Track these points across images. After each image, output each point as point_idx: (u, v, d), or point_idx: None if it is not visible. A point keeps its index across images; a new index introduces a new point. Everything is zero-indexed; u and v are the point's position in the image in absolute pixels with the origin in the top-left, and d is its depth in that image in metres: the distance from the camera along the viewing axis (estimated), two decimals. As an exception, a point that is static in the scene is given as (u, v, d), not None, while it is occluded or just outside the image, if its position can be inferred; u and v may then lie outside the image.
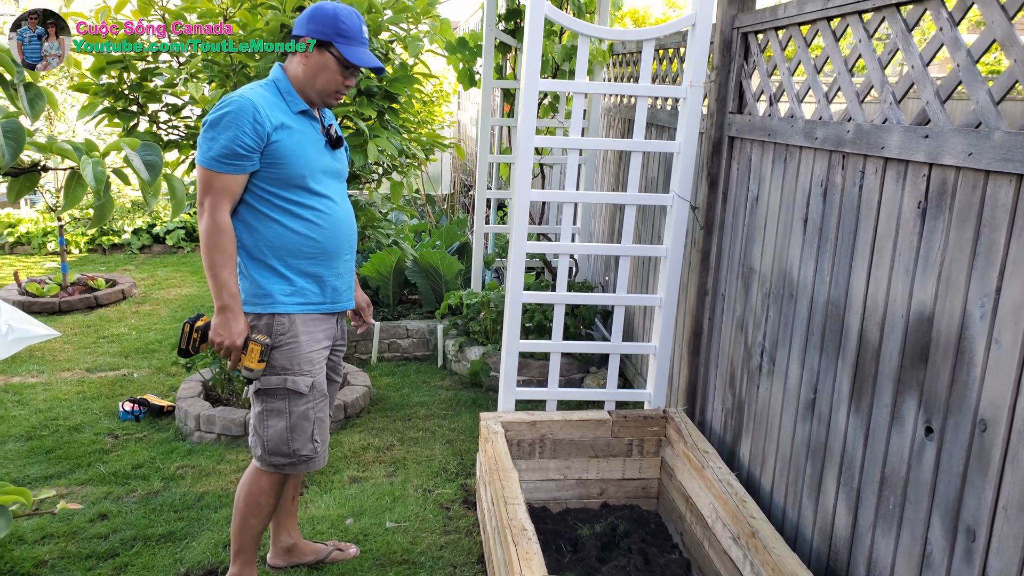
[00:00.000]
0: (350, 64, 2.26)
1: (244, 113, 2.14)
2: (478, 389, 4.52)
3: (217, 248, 2.17)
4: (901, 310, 1.94)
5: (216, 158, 2.14)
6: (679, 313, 3.48)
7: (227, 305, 2.21)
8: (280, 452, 2.38)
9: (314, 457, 2.43)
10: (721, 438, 3.05)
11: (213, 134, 2.14)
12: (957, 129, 1.75)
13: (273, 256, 2.28)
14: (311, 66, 2.26)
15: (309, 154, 2.28)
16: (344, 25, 2.23)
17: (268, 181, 2.24)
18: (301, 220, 2.28)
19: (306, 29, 2.24)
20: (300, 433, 2.37)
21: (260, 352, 2.27)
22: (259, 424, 2.38)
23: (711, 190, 3.16)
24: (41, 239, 7.92)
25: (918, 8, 1.98)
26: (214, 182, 2.16)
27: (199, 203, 2.20)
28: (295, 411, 2.35)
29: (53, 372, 4.69)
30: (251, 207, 2.26)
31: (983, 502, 1.65)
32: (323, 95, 2.31)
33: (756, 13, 2.85)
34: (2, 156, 1.39)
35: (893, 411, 1.96)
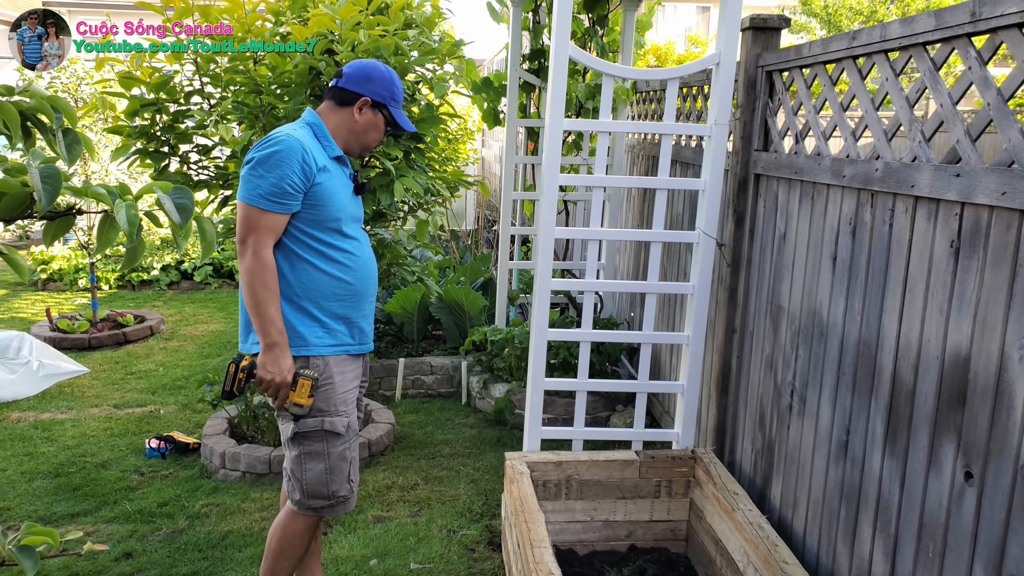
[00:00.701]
0: (397, 125, 2.41)
1: (294, 152, 2.17)
2: (503, 427, 4.49)
3: (263, 285, 2.18)
4: (936, 351, 1.90)
5: (264, 195, 2.15)
6: (707, 351, 3.45)
7: (275, 342, 2.20)
8: (319, 495, 2.38)
9: (350, 497, 2.44)
10: (751, 479, 2.99)
11: (261, 172, 2.16)
12: (989, 168, 1.73)
13: (306, 298, 2.30)
14: (364, 123, 2.36)
15: (343, 198, 2.33)
16: (397, 90, 2.39)
17: (305, 222, 2.26)
18: (334, 263, 2.31)
19: (365, 88, 2.34)
20: (338, 474, 2.38)
21: (311, 387, 2.27)
22: (297, 468, 2.37)
23: (737, 227, 3.14)
24: (73, 276, 8.07)
25: (946, 47, 1.98)
26: (260, 220, 2.17)
27: (241, 240, 2.19)
28: (333, 452, 2.36)
29: (82, 408, 4.73)
30: (286, 249, 2.28)
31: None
32: (365, 148, 2.43)
33: (781, 52, 2.86)
34: (40, 200, 1.42)
35: (930, 455, 1.91)
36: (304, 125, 2.34)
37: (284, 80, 3.17)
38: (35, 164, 1.47)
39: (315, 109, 2.42)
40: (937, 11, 1.95)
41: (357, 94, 2.33)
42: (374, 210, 3.40)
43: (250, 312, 2.21)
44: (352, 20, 3.01)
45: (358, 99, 2.33)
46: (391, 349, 5.33)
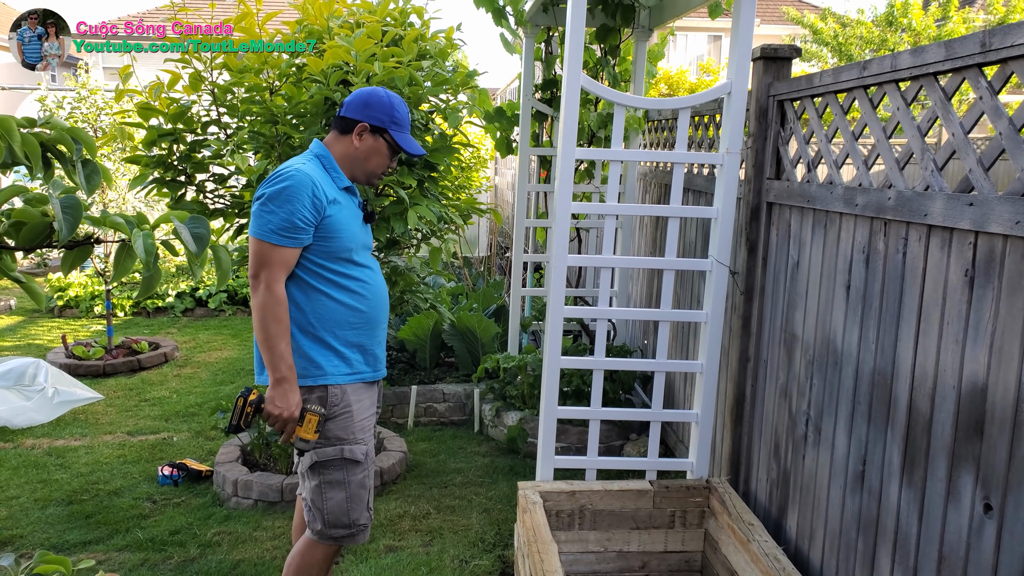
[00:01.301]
0: (400, 149, 2.38)
1: (303, 187, 2.19)
2: (515, 456, 4.47)
3: (274, 319, 2.19)
4: (952, 381, 1.88)
5: (275, 231, 2.17)
6: (720, 380, 3.43)
7: (285, 377, 2.21)
8: (340, 524, 2.37)
9: (368, 525, 2.45)
10: (767, 510, 2.95)
11: (272, 207, 2.18)
12: (1003, 197, 1.72)
13: (322, 328, 2.31)
14: (364, 149, 2.35)
15: (353, 228, 2.35)
16: (398, 114, 2.36)
17: (317, 254, 2.28)
18: (347, 292, 2.33)
19: (363, 115, 2.34)
20: (358, 503, 2.38)
21: (317, 423, 2.28)
22: (317, 498, 2.36)
23: (750, 255, 3.14)
24: (89, 303, 8.15)
25: (956, 77, 1.98)
26: (272, 255, 2.19)
27: (253, 275, 2.21)
28: (353, 480, 2.37)
29: (96, 435, 4.75)
30: (299, 280, 2.30)
31: (1050, 587, 1.56)
32: (370, 175, 2.42)
33: (792, 81, 2.87)
34: (60, 230, 1.44)
35: (948, 486, 1.88)
36: (312, 157, 2.36)
37: (300, 110, 3.22)
38: (55, 194, 1.50)
39: (323, 141, 2.44)
40: (947, 42, 1.96)
41: (355, 120, 2.34)
42: (388, 238, 3.43)
43: (260, 347, 2.23)
44: (367, 52, 3.05)
45: (356, 125, 2.34)
46: (403, 376, 5.33)
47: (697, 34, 22.89)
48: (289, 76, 3.22)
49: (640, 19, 4.62)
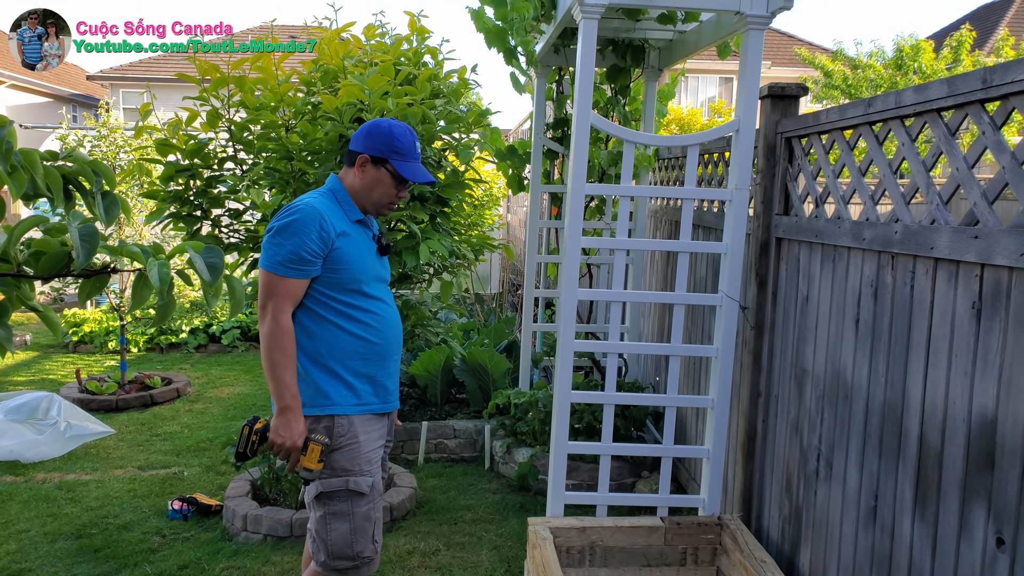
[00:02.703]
0: (403, 179, 2.38)
1: (311, 220, 2.23)
2: (526, 493, 4.43)
3: (279, 349, 2.22)
4: (962, 413, 1.87)
5: (282, 263, 2.21)
6: (732, 415, 3.41)
7: (289, 406, 2.24)
8: (344, 555, 2.36)
9: (374, 558, 2.43)
10: (779, 547, 2.92)
11: (280, 240, 2.22)
12: (1008, 230, 1.74)
13: (331, 358, 2.33)
14: (367, 180, 2.37)
15: (365, 260, 2.37)
16: (399, 143, 2.35)
17: (327, 285, 2.31)
18: (358, 323, 2.35)
19: (363, 146, 2.36)
20: (363, 535, 2.37)
21: (320, 452, 2.28)
22: (322, 528, 2.36)
23: (760, 290, 3.15)
24: (103, 338, 8.22)
25: (959, 113, 2.01)
26: (279, 286, 2.22)
27: (261, 306, 2.25)
28: (358, 512, 2.36)
29: (107, 469, 4.76)
30: (309, 310, 2.32)
31: (1064, 622, 1.54)
32: (377, 206, 2.42)
33: (799, 118, 2.91)
34: (77, 258, 1.48)
35: (961, 520, 1.86)
36: (326, 191, 2.40)
37: (314, 147, 3.28)
38: (75, 224, 1.54)
39: (337, 175, 2.47)
40: (949, 79, 1.99)
41: (356, 152, 2.37)
42: (400, 272, 3.46)
43: (266, 375, 2.25)
44: (380, 89, 3.12)
45: (357, 157, 2.37)
46: (414, 412, 5.32)
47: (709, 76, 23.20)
48: (304, 114, 3.30)
49: (650, 59, 4.70)
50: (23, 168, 1.58)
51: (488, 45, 3.71)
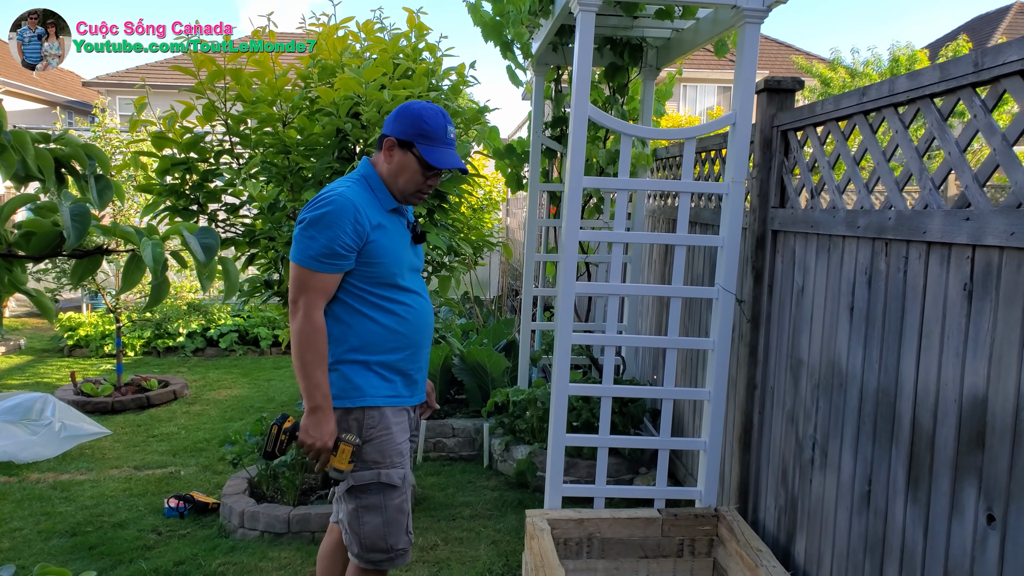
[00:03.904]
0: (431, 165, 2.24)
1: (345, 213, 2.13)
2: (524, 489, 4.43)
3: (311, 348, 2.14)
4: (953, 394, 1.88)
5: (315, 257, 2.12)
6: (729, 409, 3.41)
7: (319, 406, 2.16)
8: (377, 548, 2.30)
9: (408, 550, 2.36)
10: (775, 537, 2.91)
11: (313, 233, 2.12)
12: (998, 210, 1.75)
13: (364, 351, 2.25)
14: (394, 165, 2.25)
15: (400, 253, 2.28)
16: (427, 126, 2.22)
17: (361, 279, 2.22)
18: (392, 315, 2.27)
19: (391, 128, 2.25)
20: (396, 527, 2.31)
21: (351, 453, 2.21)
22: (354, 522, 2.30)
23: (756, 283, 3.15)
24: (99, 342, 8.20)
25: (951, 98, 2.02)
26: (311, 281, 2.14)
27: (292, 301, 2.16)
28: (390, 505, 2.29)
29: (102, 470, 4.75)
30: (342, 302, 2.24)
31: (1056, 594, 1.54)
32: (405, 193, 2.29)
33: (795, 111, 2.92)
34: (68, 237, 1.48)
35: (952, 500, 1.87)
36: (359, 178, 2.28)
37: (311, 142, 3.29)
38: (66, 204, 1.54)
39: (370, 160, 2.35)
40: (941, 64, 2.00)
41: (385, 136, 2.26)
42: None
43: (297, 374, 2.17)
44: (377, 82, 3.14)
45: (384, 140, 2.26)
46: (412, 412, 5.32)
47: (707, 86, 23.32)
48: (302, 109, 3.31)
49: (648, 58, 4.72)
50: (13, 148, 1.58)
51: (485, 38, 3.73)
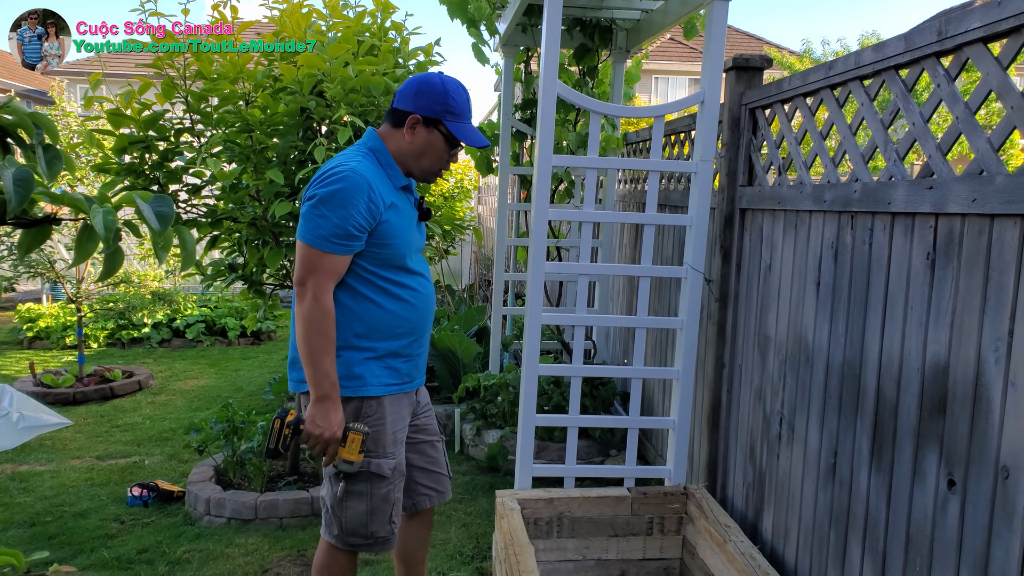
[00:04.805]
0: (457, 142, 2.15)
1: (359, 191, 2.01)
2: (496, 473, 4.42)
3: (319, 332, 2.02)
4: (916, 363, 1.89)
5: (327, 238, 2.00)
6: (697, 388, 3.42)
7: (327, 395, 2.05)
8: (358, 533, 2.25)
9: (390, 538, 2.29)
10: (743, 514, 2.93)
11: (324, 211, 2.00)
12: (960, 178, 1.75)
13: (368, 337, 2.16)
14: (418, 143, 2.13)
15: (409, 233, 2.18)
16: (454, 101, 2.12)
17: (370, 260, 2.12)
18: (398, 300, 2.18)
19: (413, 104, 2.12)
20: (379, 516, 2.25)
21: (361, 443, 2.12)
22: (337, 506, 2.24)
23: (725, 262, 3.16)
24: (60, 333, 8.00)
25: (916, 68, 2.03)
26: (321, 262, 2.01)
27: (299, 282, 2.04)
28: (376, 494, 2.23)
29: (62, 460, 4.65)
30: (348, 287, 2.13)
31: (1011, 554, 1.55)
32: (426, 172, 2.20)
33: (762, 88, 2.92)
34: (10, 202, 1.42)
35: (914, 467, 1.88)
36: (367, 152, 2.14)
37: (276, 121, 3.23)
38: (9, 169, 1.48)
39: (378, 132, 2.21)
40: (906, 34, 2.01)
41: (407, 112, 2.12)
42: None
43: (303, 361, 2.06)
44: (342, 59, 3.09)
45: (408, 117, 2.12)
46: (383, 398, 5.27)
47: (678, 78, 23.45)
48: (265, 87, 3.24)
49: (617, 40, 4.70)
50: (-48, 116, 1.52)
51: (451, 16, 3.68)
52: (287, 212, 3.15)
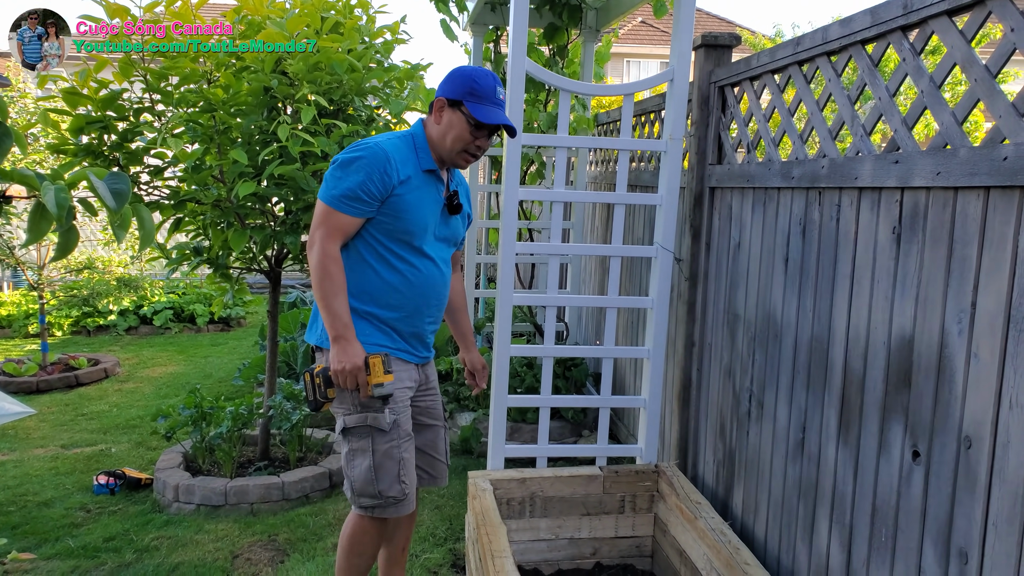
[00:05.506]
0: (481, 124, 2.26)
1: (376, 161, 2.19)
2: (469, 456, 4.41)
3: (328, 277, 2.19)
4: (882, 337, 1.90)
5: (339, 197, 2.19)
6: (668, 367, 3.43)
7: (341, 334, 2.21)
8: (367, 493, 2.32)
9: (403, 500, 2.35)
10: (714, 491, 2.95)
11: (341, 174, 2.19)
12: (925, 152, 1.76)
13: (358, 297, 2.30)
14: (443, 124, 2.30)
15: (424, 214, 2.30)
16: (477, 85, 2.26)
17: (378, 229, 2.27)
18: (394, 272, 2.30)
19: (441, 90, 2.30)
20: (385, 473, 2.31)
21: (383, 363, 2.24)
22: (347, 464, 2.36)
23: (695, 241, 3.16)
24: (22, 322, 7.82)
25: (882, 43, 2.03)
26: (330, 218, 2.20)
27: (311, 235, 2.23)
28: (378, 449, 2.31)
29: (25, 449, 4.55)
30: (354, 249, 2.30)
31: (973, 521, 1.57)
32: (452, 153, 2.32)
33: (731, 65, 2.92)
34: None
35: (880, 440, 1.90)
36: (406, 135, 2.34)
37: (239, 101, 3.16)
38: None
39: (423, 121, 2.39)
40: (872, 8, 2.01)
41: (437, 98, 2.31)
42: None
43: (319, 306, 2.23)
44: (303, 35, 3.02)
45: (435, 101, 2.31)
46: (354, 382, 5.24)
47: (650, 61, 23.47)
48: (228, 66, 3.17)
49: (587, 20, 4.67)
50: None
51: (418, -6, 3.61)
52: (251, 192, 3.09)
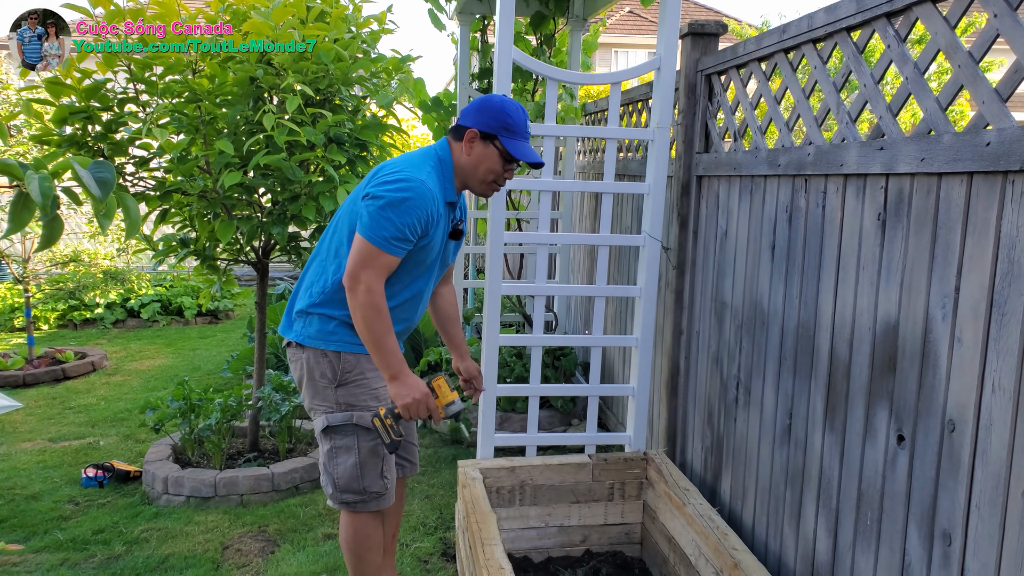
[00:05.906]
0: (512, 158, 2.28)
1: (424, 203, 2.18)
2: (459, 446, 4.42)
3: (377, 318, 2.17)
4: (868, 323, 1.92)
5: (389, 239, 2.15)
6: (656, 355, 3.45)
7: (398, 370, 2.21)
8: (351, 489, 2.35)
9: (384, 494, 2.39)
10: (702, 478, 2.97)
11: (391, 215, 2.15)
12: (910, 138, 1.77)
13: (341, 307, 2.30)
14: (475, 156, 2.29)
15: (438, 245, 2.34)
16: (511, 120, 2.27)
17: None
18: (390, 295, 2.29)
19: (473, 120, 2.28)
20: (370, 470, 2.35)
21: (445, 383, 2.27)
22: (328, 462, 2.36)
23: (682, 230, 3.17)
24: (8, 315, 7.75)
25: (867, 29, 2.04)
26: (378, 259, 2.17)
27: (353, 275, 2.17)
28: (363, 447, 2.33)
29: (13, 443, 4.53)
30: (342, 257, 2.29)
31: (956, 504, 1.59)
32: (482, 184, 2.34)
33: (718, 54, 2.92)
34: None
35: (866, 424, 1.92)
36: (436, 162, 2.32)
37: (225, 91, 3.14)
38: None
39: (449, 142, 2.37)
40: (857, -5, 2.01)
41: (466, 127, 2.29)
42: (318, 223, 3.36)
43: (368, 347, 2.21)
44: (288, 24, 3.00)
45: (467, 132, 2.29)
46: (343, 374, 5.23)
47: (638, 51, 23.47)
48: (213, 56, 3.14)
49: (574, 8, 4.66)
50: None
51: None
52: (237, 183, 3.07)
